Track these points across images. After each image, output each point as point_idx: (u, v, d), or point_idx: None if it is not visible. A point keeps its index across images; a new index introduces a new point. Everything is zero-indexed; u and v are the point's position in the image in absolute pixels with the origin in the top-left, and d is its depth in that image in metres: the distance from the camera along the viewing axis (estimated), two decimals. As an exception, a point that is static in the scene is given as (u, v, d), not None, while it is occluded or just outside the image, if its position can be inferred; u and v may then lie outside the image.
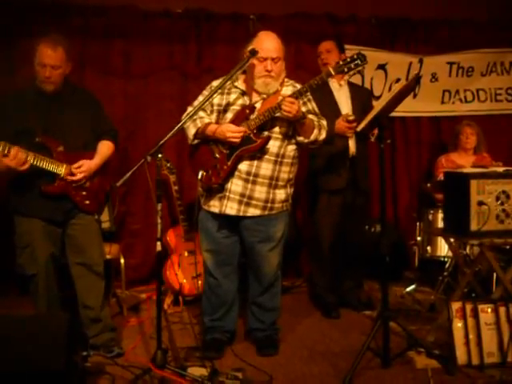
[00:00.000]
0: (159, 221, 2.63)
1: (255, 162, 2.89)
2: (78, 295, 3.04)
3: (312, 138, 2.92)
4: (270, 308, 3.14)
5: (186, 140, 4.26)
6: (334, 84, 3.67)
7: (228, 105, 2.94)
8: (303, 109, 2.88)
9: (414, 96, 4.87)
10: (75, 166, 2.93)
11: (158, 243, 2.66)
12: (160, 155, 2.59)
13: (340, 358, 3.00)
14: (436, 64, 4.94)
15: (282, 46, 2.91)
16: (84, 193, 2.99)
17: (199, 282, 3.85)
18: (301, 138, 2.93)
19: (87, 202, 3.00)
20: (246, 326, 3.29)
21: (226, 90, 2.96)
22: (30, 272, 2.91)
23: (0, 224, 3.96)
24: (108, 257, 3.55)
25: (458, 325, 2.90)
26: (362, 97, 3.76)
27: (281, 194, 2.97)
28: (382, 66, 4.87)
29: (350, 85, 3.78)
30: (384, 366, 2.83)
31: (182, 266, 3.93)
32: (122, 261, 3.80)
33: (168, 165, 3.99)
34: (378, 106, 2.99)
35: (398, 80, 4.89)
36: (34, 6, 4.24)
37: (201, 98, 2.94)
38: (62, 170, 2.90)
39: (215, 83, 2.94)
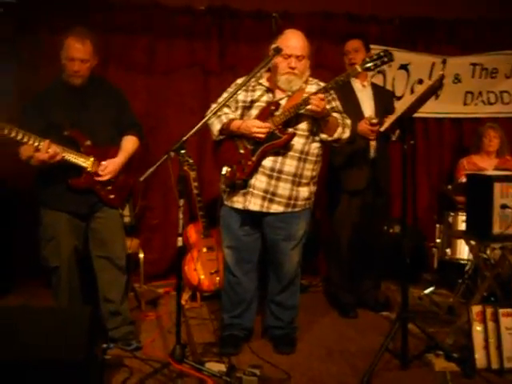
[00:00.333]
0: (181, 216, 2.64)
1: (279, 159, 2.89)
2: (99, 288, 3.07)
3: (336, 136, 2.92)
4: (288, 306, 3.14)
5: (206, 137, 4.36)
6: (356, 85, 3.66)
7: (252, 101, 2.95)
8: (327, 106, 2.87)
9: (437, 97, 4.83)
10: (101, 168, 2.95)
11: (180, 238, 2.67)
12: (183, 151, 2.60)
13: (357, 358, 2.99)
14: (459, 65, 4.90)
15: (308, 45, 2.91)
16: (109, 187, 3.01)
17: (217, 278, 3.87)
18: (324, 136, 2.93)
19: (112, 196, 3.02)
20: (263, 324, 3.29)
21: (250, 88, 2.97)
22: (54, 264, 2.94)
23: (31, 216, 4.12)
24: (128, 251, 3.57)
25: (477, 328, 2.88)
26: (384, 98, 3.74)
27: (304, 192, 2.97)
28: (404, 66, 4.83)
29: (373, 86, 3.77)
30: (402, 368, 2.81)
31: (201, 262, 3.94)
32: (141, 255, 3.82)
33: (189, 161, 4.00)
34: (401, 106, 2.98)
35: (420, 80, 4.85)
36: (59, 2, 4.28)
37: (225, 95, 2.95)
38: (89, 163, 2.92)
39: (240, 81, 2.94)
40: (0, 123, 2.65)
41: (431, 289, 4.18)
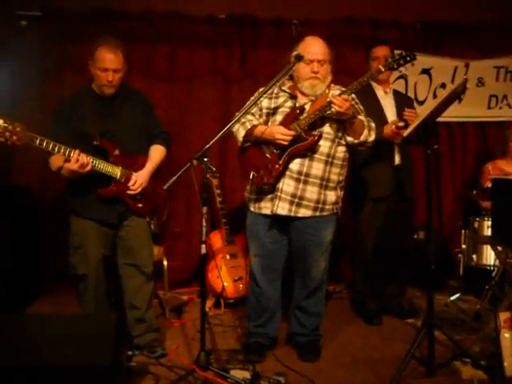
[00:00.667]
0: (204, 224, 2.65)
1: (306, 162, 2.88)
2: (125, 295, 3.10)
3: (362, 138, 2.91)
4: (313, 313, 3.12)
5: (228, 145, 4.41)
6: (379, 91, 3.67)
7: (276, 108, 2.96)
8: (352, 109, 2.86)
9: (460, 101, 4.77)
10: (131, 182, 2.98)
11: (203, 246, 2.68)
12: (206, 159, 2.62)
13: (382, 365, 2.96)
14: (482, 68, 4.85)
15: (328, 50, 2.93)
16: (138, 196, 3.04)
17: (241, 285, 3.88)
18: (350, 139, 2.93)
19: (140, 205, 3.06)
20: (287, 331, 3.28)
21: (273, 95, 2.99)
22: (81, 272, 2.98)
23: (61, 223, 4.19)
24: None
25: (505, 335, 2.82)
26: (405, 104, 3.71)
27: (331, 196, 2.96)
28: (426, 71, 4.80)
29: (395, 92, 3.77)
30: (428, 376, 2.77)
31: (224, 269, 3.95)
32: (165, 263, 3.85)
33: (212, 168, 4.02)
34: (425, 111, 2.95)
35: (442, 85, 4.81)
36: (84, 11, 4.36)
37: (248, 104, 2.97)
38: (118, 173, 2.96)
39: (262, 89, 2.95)
40: (31, 134, 2.68)
41: (457, 295, 4.13)
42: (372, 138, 2.96)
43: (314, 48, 2.89)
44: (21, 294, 3.87)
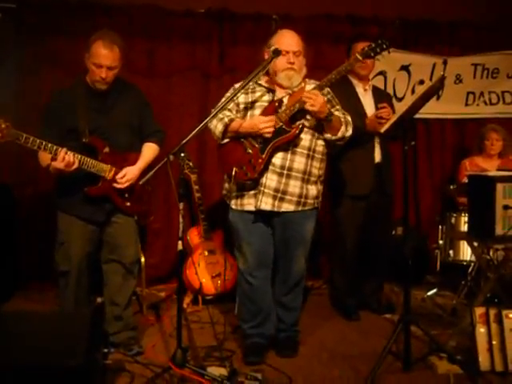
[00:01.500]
0: (181, 220, 2.63)
1: (288, 156, 2.87)
2: (107, 292, 3.07)
3: (340, 134, 2.92)
4: (292, 307, 3.11)
5: (206, 140, 4.37)
6: (359, 89, 3.68)
7: (254, 102, 2.94)
8: (328, 105, 2.86)
9: (438, 98, 4.82)
10: (119, 175, 2.93)
11: (180, 242, 2.65)
12: (182, 154, 2.59)
13: (360, 361, 2.97)
14: (460, 65, 4.88)
15: (302, 43, 2.94)
16: (126, 195, 3.00)
17: (219, 282, 3.86)
18: (328, 136, 2.93)
19: (128, 203, 3.02)
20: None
21: (249, 90, 2.97)
22: (63, 269, 2.94)
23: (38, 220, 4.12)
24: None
25: (481, 330, 2.85)
26: (383, 100, 3.73)
27: (313, 190, 2.96)
28: (405, 67, 4.83)
29: (374, 89, 3.78)
30: (405, 371, 2.79)
31: (202, 265, 3.93)
32: (143, 259, 3.81)
33: (190, 164, 4.00)
34: (403, 107, 2.96)
35: (421, 81, 4.82)
36: (60, 4, 4.29)
37: (224, 100, 2.94)
38: (106, 171, 2.91)
39: (238, 85, 2.93)
40: (16, 132, 2.62)
41: (434, 291, 4.17)
42: (349, 133, 2.96)
43: (288, 40, 2.89)
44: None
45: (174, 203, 4.49)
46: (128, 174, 2.96)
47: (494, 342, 2.81)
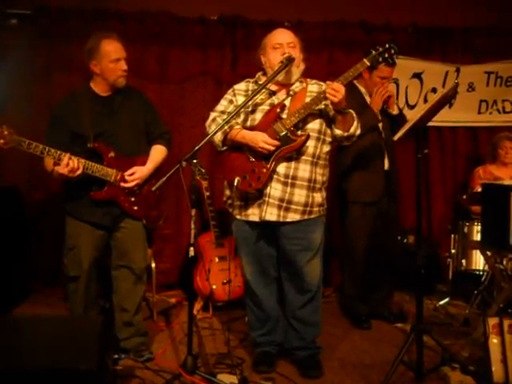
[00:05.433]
0: (193, 226, 2.63)
1: (292, 164, 2.76)
2: (116, 297, 3.07)
3: (352, 130, 2.77)
4: (311, 322, 2.97)
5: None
6: (367, 97, 3.68)
7: (255, 105, 2.83)
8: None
9: (450, 106, 4.79)
10: (128, 172, 2.94)
11: (191, 248, 2.65)
12: (195, 161, 2.59)
13: (371, 370, 2.95)
14: (473, 73, 4.86)
15: (297, 38, 2.85)
16: (133, 199, 3.00)
17: (229, 288, 3.84)
18: (339, 132, 2.78)
19: (135, 207, 3.01)
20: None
21: (249, 92, 2.87)
22: (72, 274, 2.95)
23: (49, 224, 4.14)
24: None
25: (494, 341, 2.81)
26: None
27: (318, 198, 2.85)
28: (417, 75, 4.81)
29: None
30: (417, 381, 2.76)
31: (213, 272, 3.92)
32: (153, 265, 3.81)
33: (202, 170, 4.00)
34: (416, 114, 2.95)
35: (433, 89, 4.82)
36: (74, 10, 4.33)
37: (224, 102, 2.90)
38: (111, 176, 2.91)
39: (237, 87, 2.91)
40: (18, 138, 2.64)
41: (446, 300, 4.13)
42: (359, 131, 2.85)
43: (279, 34, 2.83)
44: (8, 295, 3.81)
45: (184, 209, 4.50)
46: (136, 173, 2.95)
47: (507, 353, 2.77)
